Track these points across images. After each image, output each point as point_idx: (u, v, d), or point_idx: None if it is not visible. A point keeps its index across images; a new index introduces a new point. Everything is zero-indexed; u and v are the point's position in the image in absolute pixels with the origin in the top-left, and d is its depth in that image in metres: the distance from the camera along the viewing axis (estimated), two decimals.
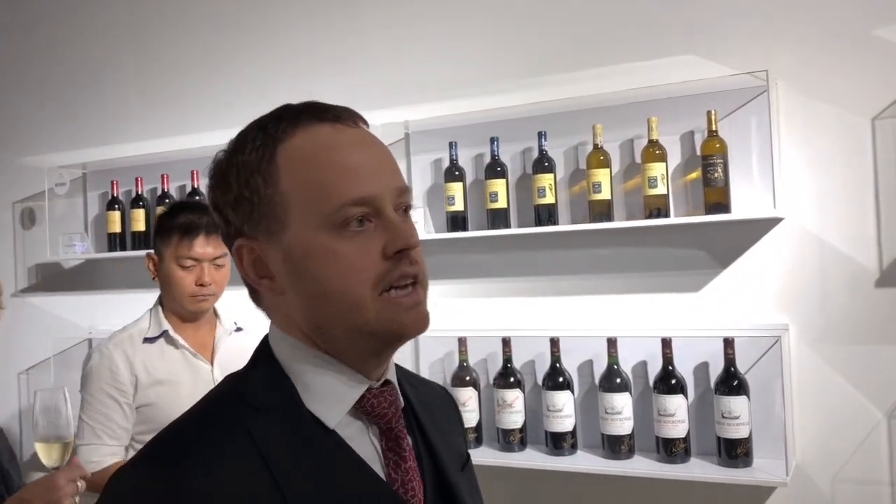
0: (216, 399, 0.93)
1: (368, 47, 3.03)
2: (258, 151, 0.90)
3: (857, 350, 2.36)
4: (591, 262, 2.69)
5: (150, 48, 3.50)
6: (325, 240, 0.87)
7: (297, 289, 0.89)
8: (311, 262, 0.88)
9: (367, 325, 0.88)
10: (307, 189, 0.88)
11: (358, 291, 0.87)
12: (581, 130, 2.64)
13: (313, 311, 0.89)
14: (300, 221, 0.88)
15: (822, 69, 2.38)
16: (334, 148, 0.89)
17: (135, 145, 3.42)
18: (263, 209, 0.89)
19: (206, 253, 2.20)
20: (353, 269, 0.87)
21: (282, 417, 0.87)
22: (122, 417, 2.19)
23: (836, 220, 2.38)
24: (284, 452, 0.84)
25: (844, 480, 2.37)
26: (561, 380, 2.59)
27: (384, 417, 0.92)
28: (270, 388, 0.90)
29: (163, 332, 2.24)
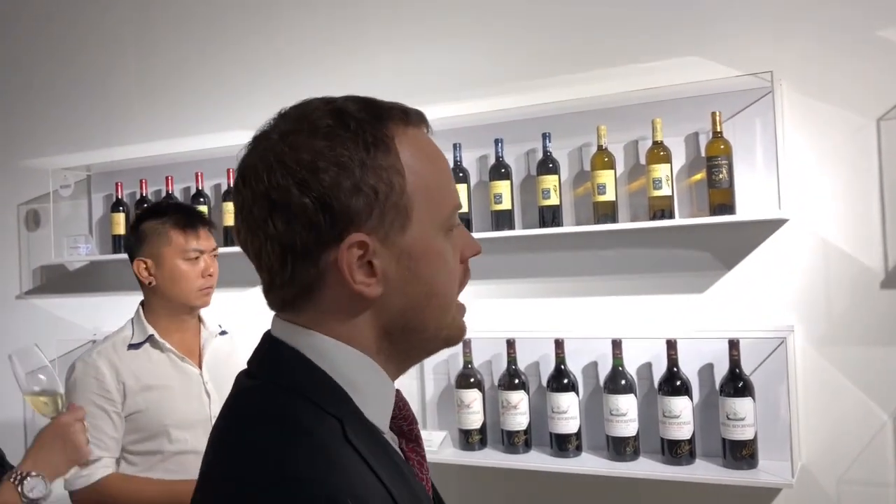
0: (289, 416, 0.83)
1: (372, 50, 3.03)
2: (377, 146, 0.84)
3: (862, 351, 2.35)
4: (595, 264, 2.68)
5: (154, 50, 3.50)
6: (440, 242, 0.88)
7: (405, 290, 0.86)
8: (427, 262, 0.87)
9: (449, 327, 0.91)
10: (429, 190, 0.87)
11: (453, 293, 0.92)
12: (585, 132, 2.64)
13: (410, 313, 0.88)
14: (422, 222, 0.86)
15: (827, 70, 2.38)
16: (438, 154, 0.91)
17: (139, 147, 3.42)
18: (390, 203, 0.84)
19: (210, 244, 2.24)
20: (453, 270, 0.91)
21: (356, 426, 0.84)
22: (111, 427, 2.13)
23: (841, 221, 2.38)
24: (376, 460, 0.82)
25: (850, 482, 2.36)
26: (566, 381, 2.59)
27: (407, 419, 0.94)
28: (333, 396, 0.85)
29: (148, 336, 2.21)
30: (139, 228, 2.24)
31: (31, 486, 1.68)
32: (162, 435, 2.15)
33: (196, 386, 2.21)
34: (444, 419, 2.86)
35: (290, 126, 0.87)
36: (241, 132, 3.20)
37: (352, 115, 0.85)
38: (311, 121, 0.86)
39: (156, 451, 2.15)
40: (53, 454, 1.74)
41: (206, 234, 2.24)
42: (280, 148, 0.85)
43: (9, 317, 3.79)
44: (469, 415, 2.69)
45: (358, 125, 0.84)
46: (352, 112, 0.86)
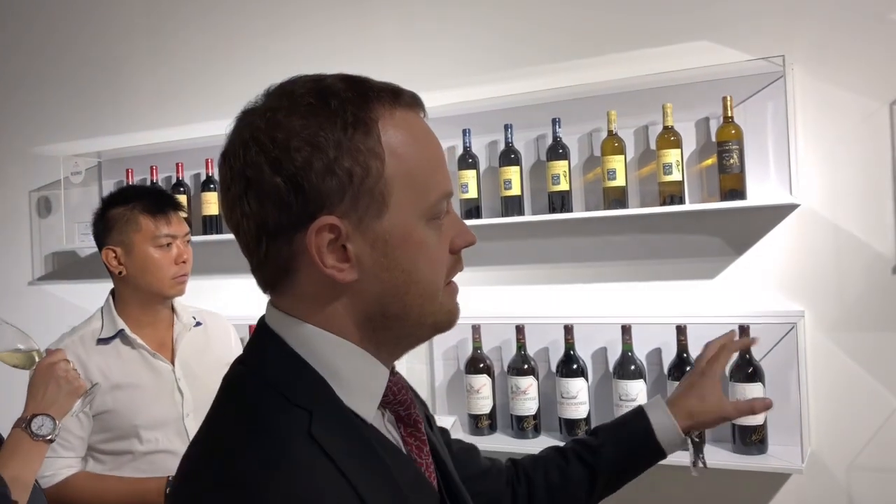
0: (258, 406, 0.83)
1: (381, 35, 3.02)
2: (357, 126, 0.82)
3: (872, 337, 2.35)
4: (605, 250, 2.68)
5: (164, 36, 3.51)
6: (422, 229, 0.85)
7: (381, 277, 0.84)
8: (405, 249, 0.84)
9: (435, 314, 0.88)
10: (412, 175, 0.84)
11: (437, 282, 0.87)
12: (595, 117, 2.63)
13: (389, 300, 0.85)
14: (401, 208, 0.83)
15: (839, 54, 2.36)
16: (429, 139, 0.88)
17: (149, 134, 3.43)
18: (365, 187, 0.81)
19: (182, 229, 2.12)
20: (437, 259, 0.87)
21: (329, 416, 0.82)
22: (77, 427, 2.03)
23: (852, 206, 2.36)
24: (347, 452, 0.80)
25: (860, 468, 2.36)
26: (575, 367, 2.59)
27: (403, 403, 0.92)
28: (308, 387, 0.84)
29: (118, 331, 2.09)
30: (106, 215, 2.12)
31: (39, 424, 1.70)
32: (132, 435, 2.04)
33: (168, 384, 2.10)
34: (454, 404, 2.87)
35: (271, 103, 0.86)
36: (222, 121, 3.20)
37: (336, 93, 0.83)
38: (292, 98, 0.84)
39: (125, 451, 2.05)
40: (50, 394, 1.75)
41: (177, 219, 2.12)
42: (258, 124, 0.84)
43: (21, 303, 3.81)
44: (478, 400, 2.70)
45: (340, 104, 0.82)
46: (336, 90, 0.83)
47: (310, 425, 0.80)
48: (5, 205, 3.87)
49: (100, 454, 2.08)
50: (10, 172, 3.86)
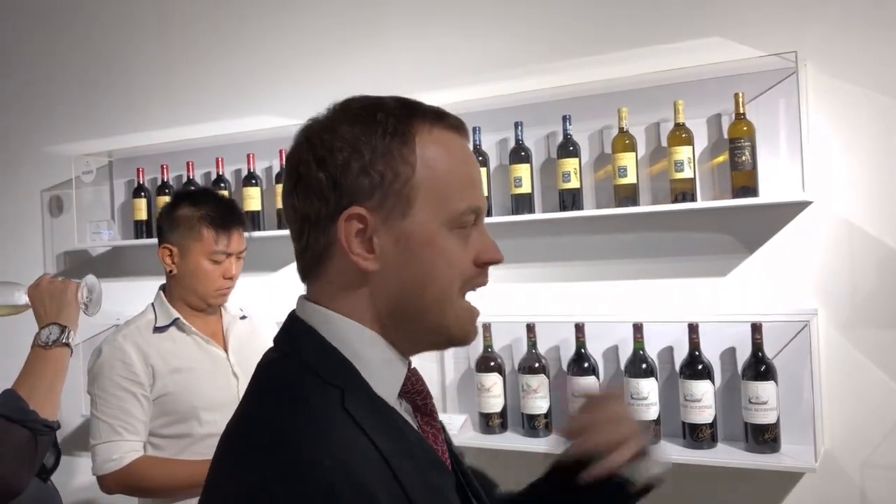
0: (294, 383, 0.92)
1: (391, 34, 3.02)
2: (395, 136, 0.93)
3: (887, 335, 2.33)
4: (616, 248, 2.67)
5: (176, 36, 3.51)
6: (444, 234, 0.94)
7: (400, 272, 0.93)
8: (425, 249, 0.93)
9: (450, 326, 0.97)
10: (439, 186, 0.94)
11: (451, 287, 0.95)
12: (606, 114, 2.61)
13: (406, 297, 0.94)
14: (425, 211, 0.93)
15: (851, 50, 2.34)
16: (465, 159, 0.98)
17: (160, 133, 3.44)
18: (393, 189, 0.92)
19: (239, 246, 2.20)
20: (455, 265, 0.95)
21: (360, 397, 0.91)
22: (140, 411, 2.11)
23: (865, 203, 2.34)
24: (378, 428, 0.88)
25: (874, 466, 2.34)
26: (586, 365, 2.58)
27: (421, 393, 0.99)
28: (338, 368, 0.93)
29: (174, 320, 2.20)
30: (173, 213, 2.21)
31: (46, 333, 1.75)
32: (191, 417, 2.14)
33: (223, 367, 2.21)
34: (465, 403, 2.87)
35: (329, 112, 0.98)
36: (261, 117, 3.21)
37: (384, 107, 0.96)
38: (347, 109, 0.97)
39: (185, 434, 2.14)
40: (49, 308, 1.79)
41: (238, 236, 2.20)
42: (313, 128, 0.96)
43: None
44: (489, 398, 2.69)
45: (384, 116, 0.94)
46: (386, 105, 0.96)
47: (343, 400, 0.88)
48: (17, 204, 3.89)
49: (160, 439, 2.16)
50: (22, 172, 3.88)
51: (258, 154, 3.17)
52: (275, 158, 3.16)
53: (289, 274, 3.22)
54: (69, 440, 3.75)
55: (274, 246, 3.21)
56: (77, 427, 3.71)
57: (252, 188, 3.15)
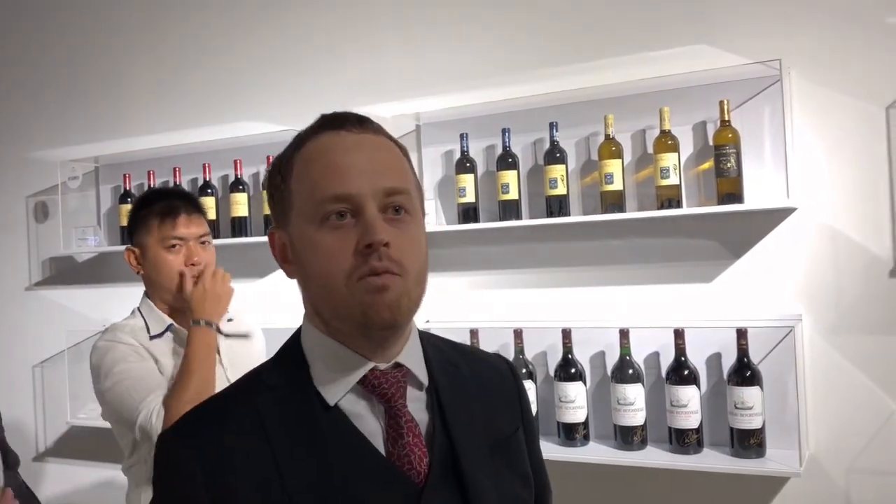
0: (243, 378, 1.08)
1: (379, 39, 3.03)
2: (286, 153, 1.05)
3: (871, 340, 2.35)
4: (603, 254, 2.68)
5: (162, 41, 3.51)
6: (311, 231, 0.99)
7: (298, 272, 1.04)
8: (302, 249, 1.01)
9: (342, 308, 0.98)
10: (302, 187, 1.01)
11: (334, 279, 0.98)
12: (593, 121, 2.63)
13: (308, 293, 1.04)
14: (297, 215, 1.01)
15: (835, 58, 2.37)
16: (327, 151, 1.01)
17: (147, 139, 3.43)
18: (280, 203, 1.05)
19: (190, 232, 2.12)
20: (330, 258, 0.98)
21: (288, 394, 1.01)
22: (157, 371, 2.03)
23: (849, 209, 2.37)
24: (283, 425, 0.98)
25: (858, 471, 2.36)
26: (573, 371, 2.59)
27: (385, 396, 1.01)
28: (285, 366, 1.04)
29: (168, 326, 2.13)
30: (133, 216, 2.18)
31: None
32: None
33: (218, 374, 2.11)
34: None
35: None
36: (248, 123, 3.21)
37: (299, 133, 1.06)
38: None
39: None
40: None
41: (187, 221, 2.12)
42: None
43: (18, 308, 3.81)
44: None
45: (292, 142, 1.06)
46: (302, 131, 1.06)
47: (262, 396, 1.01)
48: (2, 210, 3.87)
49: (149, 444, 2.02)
50: (7, 177, 3.86)
51: (245, 160, 3.16)
52: (262, 164, 3.16)
53: (275, 280, 3.22)
54: (53, 448, 3.73)
55: (260, 252, 3.21)
56: (62, 434, 3.69)
57: (239, 194, 3.15)
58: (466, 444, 1.05)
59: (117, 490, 3.08)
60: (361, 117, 1.04)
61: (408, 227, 1.00)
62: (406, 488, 0.99)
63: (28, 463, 3.71)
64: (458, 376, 1.11)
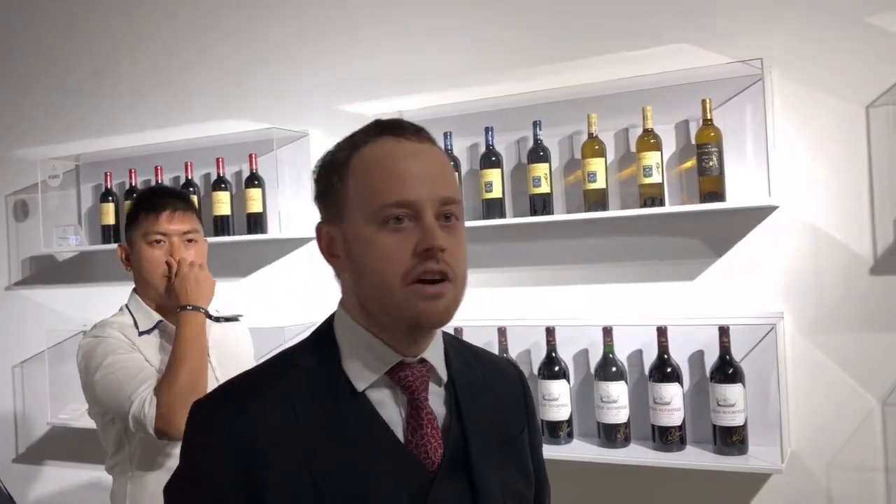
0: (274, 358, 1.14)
1: (362, 37, 3.02)
2: (342, 154, 1.10)
3: (851, 338, 2.37)
4: (586, 252, 2.69)
5: (143, 39, 3.49)
6: (370, 232, 1.05)
7: (350, 268, 1.08)
8: (358, 247, 1.06)
9: (394, 308, 1.05)
10: (362, 189, 1.07)
11: (389, 279, 1.04)
12: (576, 119, 2.64)
13: (358, 289, 1.08)
14: (356, 214, 1.06)
15: (816, 57, 2.38)
16: (390, 157, 1.07)
17: (128, 137, 3.41)
18: (335, 200, 1.10)
19: (174, 228, 2.11)
20: (388, 259, 1.04)
21: (319, 376, 1.07)
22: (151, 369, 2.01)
23: (830, 208, 2.38)
24: (312, 404, 1.05)
25: (839, 467, 2.38)
26: (557, 369, 2.59)
27: (409, 388, 1.09)
28: (317, 351, 1.11)
29: (157, 322, 2.12)
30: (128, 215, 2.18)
31: None
32: None
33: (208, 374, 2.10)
34: None
35: None
36: (230, 121, 3.20)
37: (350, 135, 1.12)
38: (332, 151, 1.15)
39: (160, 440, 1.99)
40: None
41: (170, 217, 2.11)
42: None
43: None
44: None
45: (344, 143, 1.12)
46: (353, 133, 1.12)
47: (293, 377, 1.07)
48: None
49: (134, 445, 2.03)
50: None
51: (228, 158, 3.15)
52: (244, 163, 3.14)
53: (259, 279, 3.21)
54: (33, 449, 3.71)
55: (244, 251, 3.20)
56: (43, 435, 3.66)
57: (222, 193, 3.13)
58: (477, 440, 1.12)
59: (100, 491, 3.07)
60: (418, 127, 1.11)
61: (458, 234, 1.10)
62: (420, 476, 1.06)
63: (7, 464, 3.68)
64: (473, 376, 1.19)
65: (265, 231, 3.09)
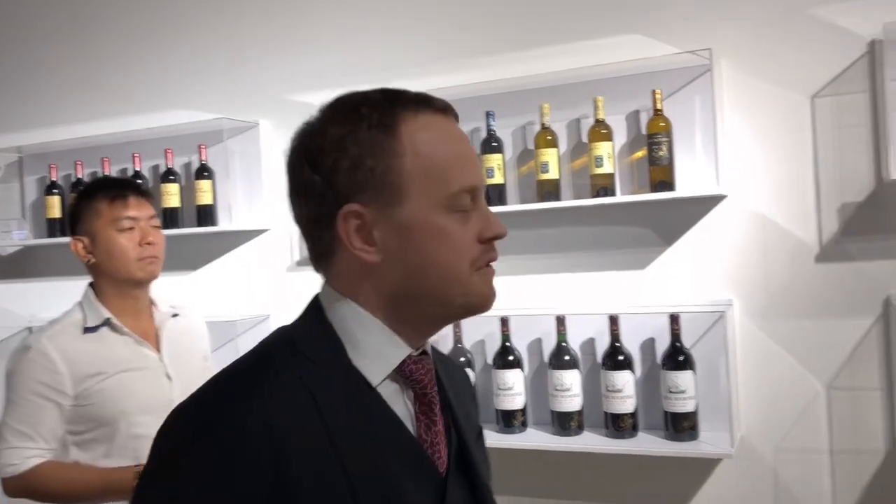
0: (270, 346, 1.01)
1: (312, 27, 2.99)
2: (379, 128, 0.97)
3: (797, 324, 2.42)
4: (539, 242, 2.70)
5: (88, 26, 3.40)
6: (441, 219, 0.96)
7: (402, 259, 0.97)
8: (424, 235, 0.96)
9: (460, 296, 0.99)
10: (429, 171, 0.96)
11: (459, 267, 0.98)
12: (528, 110, 2.64)
13: (411, 281, 0.98)
14: (419, 198, 0.96)
15: (763, 48, 2.42)
16: (452, 138, 1.01)
17: (74, 128, 3.33)
18: (385, 181, 0.95)
19: (142, 213, 2.11)
20: (459, 247, 0.97)
21: (331, 369, 0.96)
22: (55, 419, 2.01)
23: (777, 197, 2.43)
24: (332, 399, 0.94)
25: (786, 450, 2.43)
26: (511, 358, 2.61)
27: (420, 382, 1.02)
28: (321, 342, 0.98)
29: (105, 320, 2.09)
30: (76, 206, 2.15)
31: None
32: (119, 420, 2.03)
33: (156, 370, 2.11)
34: None
35: (320, 115, 1.02)
36: (180, 112, 3.14)
37: (368, 101, 1.00)
38: (334, 109, 1.01)
39: (111, 438, 2.03)
40: None
41: (137, 203, 2.12)
42: (304, 134, 1.01)
43: None
44: None
45: (369, 110, 0.98)
46: (370, 98, 1.00)
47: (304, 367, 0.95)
48: None
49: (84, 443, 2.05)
50: None
51: (176, 150, 3.10)
52: (193, 154, 3.09)
53: (210, 272, 3.17)
54: None
55: (194, 243, 3.15)
56: None
57: (170, 184, 3.08)
58: (467, 436, 1.09)
59: None
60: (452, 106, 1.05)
61: None
62: (433, 475, 1.00)
63: None
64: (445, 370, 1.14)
65: (216, 223, 3.06)
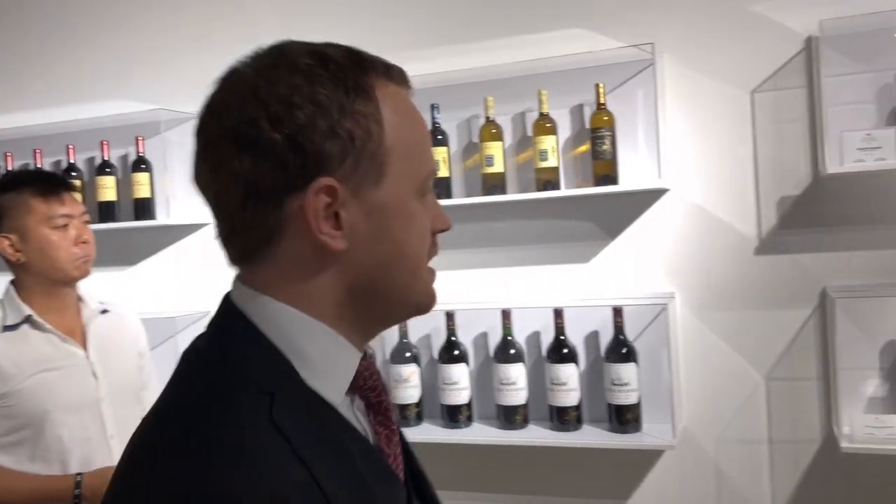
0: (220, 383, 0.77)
1: (252, 16, 2.93)
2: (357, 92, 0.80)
3: (737, 316, 2.45)
4: (484, 235, 2.70)
5: (20, 11, 3.28)
6: (414, 204, 0.83)
7: (375, 247, 0.81)
8: (399, 221, 0.81)
9: (418, 293, 0.86)
10: (408, 149, 0.82)
11: (422, 260, 0.86)
12: (473, 103, 2.63)
13: (380, 274, 0.82)
14: (397, 178, 0.81)
15: (705, 43, 2.45)
16: (419, 116, 0.87)
17: (3, 118, 3.21)
18: (366, 152, 0.79)
19: (77, 209, 2.06)
20: (424, 237, 0.85)
21: (291, 399, 0.77)
22: None
23: (717, 190, 2.46)
24: (306, 438, 0.75)
25: (727, 441, 2.47)
26: (456, 353, 2.60)
27: (374, 390, 0.87)
28: (271, 367, 0.79)
29: (25, 317, 2.01)
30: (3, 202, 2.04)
31: None
32: (43, 420, 1.96)
33: (81, 367, 2.04)
34: None
35: (267, 62, 0.83)
36: (116, 102, 3.05)
37: (332, 58, 0.82)
38: (289, 58, 0.82)
39: (34, 440, 1.96)
40: None
41: (70, 199, 2.06)
42: (255, 81, 0.80)
43: None
44: None
45: (338, 68, 0.81)
46: (333, 56, 0.83)
47: (271, 409, 0.74)
48: None
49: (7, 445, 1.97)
50: None
51: (113, 141, 3.01)
52: (130, 146, 3.01)
53: (148, 267, 3.09)
54: None
55: (131, 238, 3.07)
56: None
57: (107, 177, 2.99)
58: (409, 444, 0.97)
59: None
60: None
61: None
62: (401, 493, 0.87)
63: None
64: None
65: (154, 217, 2.99)
